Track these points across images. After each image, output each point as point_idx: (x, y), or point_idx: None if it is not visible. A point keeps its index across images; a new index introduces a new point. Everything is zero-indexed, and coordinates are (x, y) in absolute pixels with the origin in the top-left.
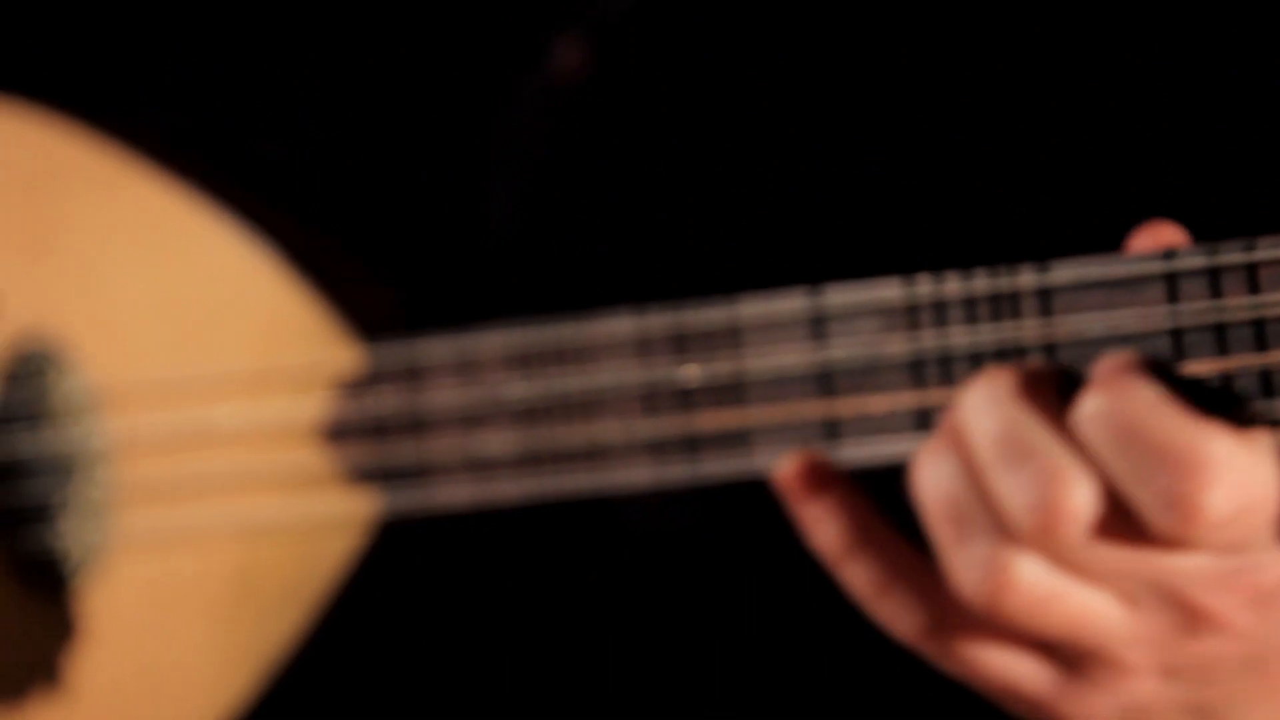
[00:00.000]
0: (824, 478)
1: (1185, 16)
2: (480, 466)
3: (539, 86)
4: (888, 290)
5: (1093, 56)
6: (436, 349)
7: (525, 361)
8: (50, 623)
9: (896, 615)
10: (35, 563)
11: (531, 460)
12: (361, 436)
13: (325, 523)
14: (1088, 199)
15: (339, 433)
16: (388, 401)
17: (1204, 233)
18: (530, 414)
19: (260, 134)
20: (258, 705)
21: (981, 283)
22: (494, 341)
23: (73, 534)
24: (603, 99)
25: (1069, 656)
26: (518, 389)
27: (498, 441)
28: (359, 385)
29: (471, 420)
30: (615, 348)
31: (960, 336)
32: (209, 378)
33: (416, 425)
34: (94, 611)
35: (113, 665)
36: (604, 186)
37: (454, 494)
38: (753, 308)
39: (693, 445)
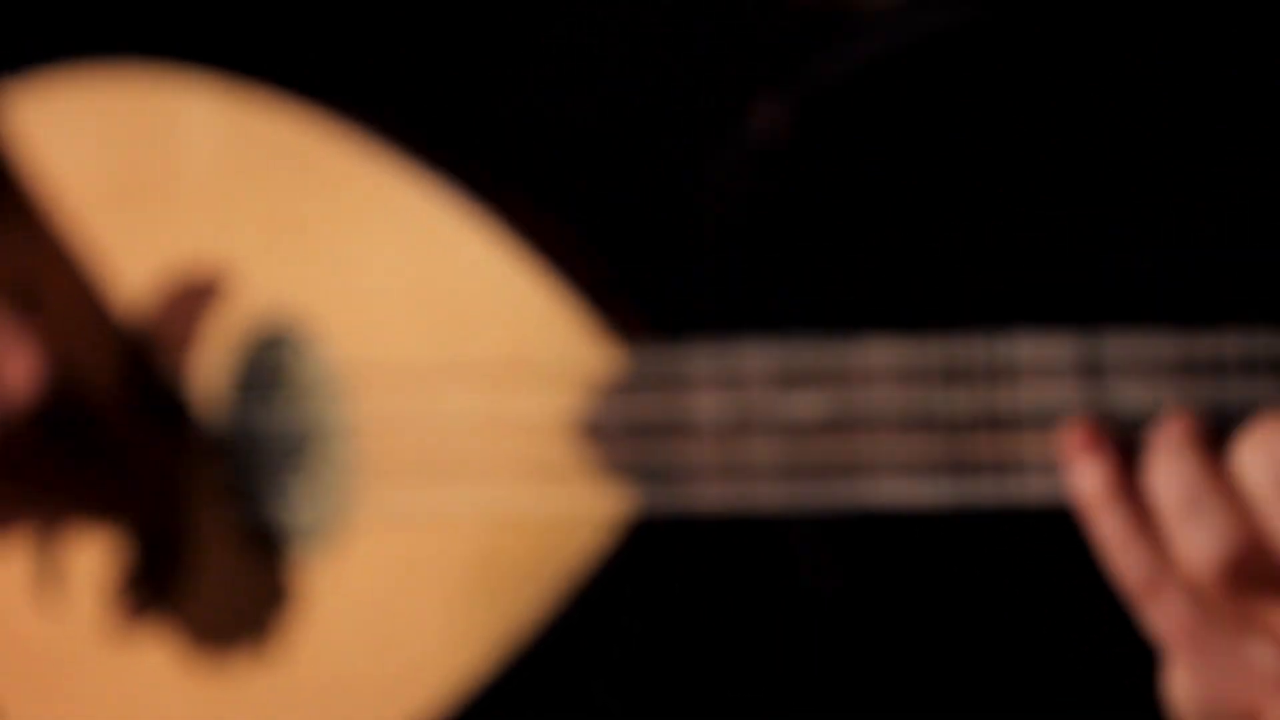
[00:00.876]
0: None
1: None
2: (740, 473)
3: (739, 150)
4: (1164, 344)
5: None
6: (699, 356)
7: (791, 377)
8: (277, 593)
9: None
10: (267, 533)
11: (794, 473)
12: (619, 435)
13: (574, 517)
14: None
15: (596, 430)
16: (649, 403)
17: None
18: (796, 429)
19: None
20: (487, 692)
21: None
22: (761, 354)
23: (307, 507)
24: (801, 165)
25: None
26: (788, 404)
27: (760, 451)
28: (621, 384)
29: (736, 429)
30: (881, 371)
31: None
32: (457, 366)
33: (676, 429)
34: (325, 585)
35: (342, 639)
36: (799, 254)
37: (710, 497)
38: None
39: (959, 469)
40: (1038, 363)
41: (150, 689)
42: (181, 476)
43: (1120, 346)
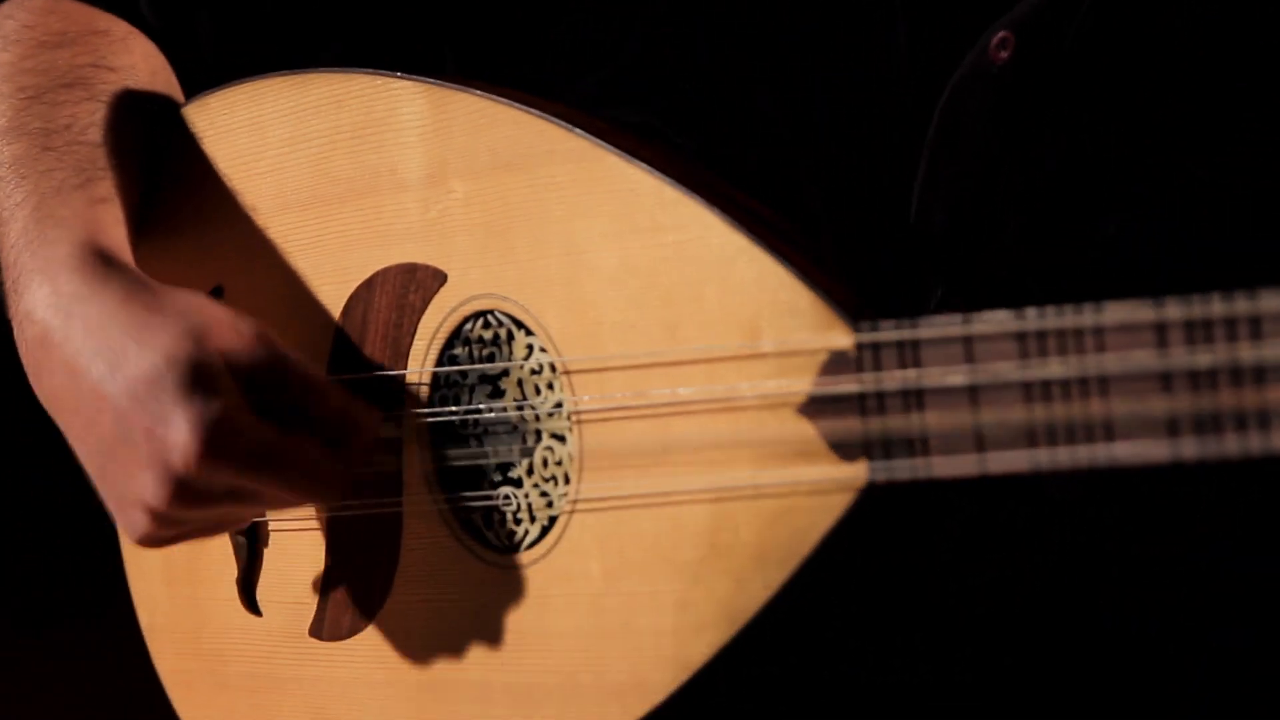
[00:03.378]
0: None
1: None
2: (980, 438)
3: (973, 72)
4: None
5: None
6: (938, 329)
7: (1028, 343)
8: (502, 584)
9: None
10: (484, 525)
11: (1036, 434)
12: (850, 411)
13: (808, 490)
14: None
15: (826, 407)
16: (883, 378)
17: None
18: (1039, 392)
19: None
20: (729, 664)
21: None
22: (997, 323)
23: (530, 497)
24: (1026, 87)
25: None
26: (1025, 370)
27: (998, 414)
28: (852, 362)
29: (973, 395)
30: (1131, 331)
31: None
32: (677, 355)
33: (912, 399)
34: (556, 572)
35: (577, 624)
36: (1026, 163)
37: (951, 464)
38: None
39: (1213, 423)
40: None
41: (348, 697)
42: (394, 467)
43: None
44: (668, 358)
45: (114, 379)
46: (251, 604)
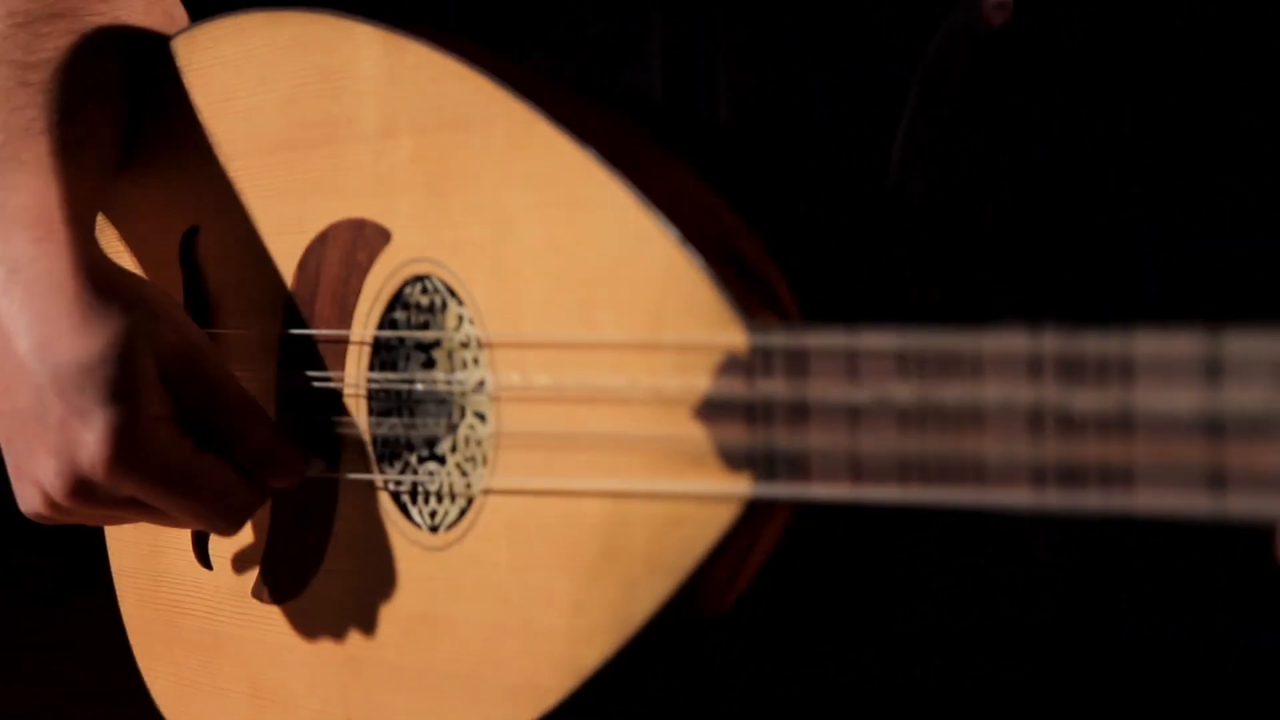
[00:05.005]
0: None
1: None
2: (856, 464)
3: (963, 31)
4: None
5: None
6: (824, 340)
7: (911, 364)
8: (419, 563)
9: None
10: (414, 497)
11: (909, 467)
12: (740, 419)
13: (696, 499)
14: None
15: (718, 412)
16: (770, 387)
17: None
18: (913, 419)
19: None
20: (615, 672)
21: None
22: (883, 341)
23: (452, 475)
24: (1022, 48)
25: None
26: (903, 391)
27: (876, 442)
28: (744, 367)
29: (853, 417)
30: (1004, 364)
31: None
32: (594, 339)
33: (797, 414)
34: (468, 558)
35: (483, 615)
36: (1016, 139)
37: (828, 489)
38: (1148, 343)
39: (1073, 476)
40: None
41: (281, 663)
42: (329, 433)
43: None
44: (580, 340)
45: (42, 357)
46: (203, 557)
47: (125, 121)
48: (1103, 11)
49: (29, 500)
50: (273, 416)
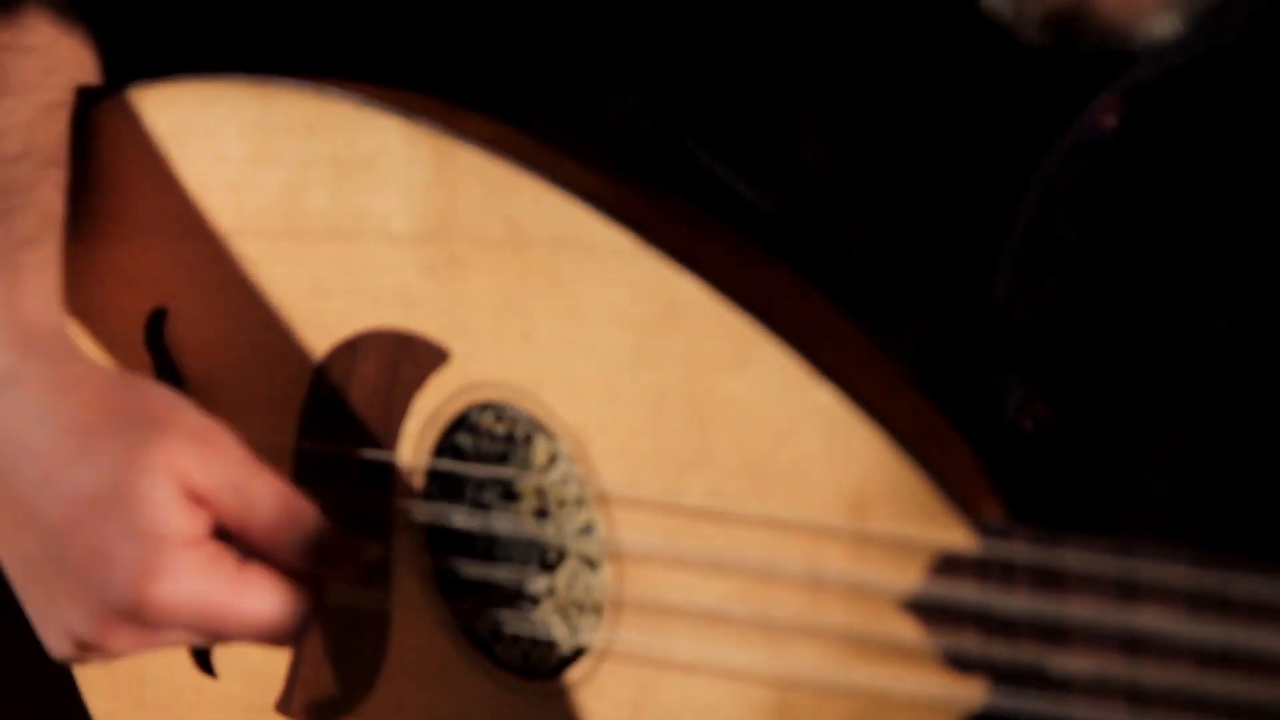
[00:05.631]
0: None
1: None
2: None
3: (1075, 146)
4: None
5: None
6: (1090, 563)
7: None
8: (517, 710)
9: None
10: (496, 637)
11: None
12: (969, 624)
13: (905, 702)
14: None
15: (936, 612)
16: (1016, 599)
17: None
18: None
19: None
20: None
21: None
22: (1167, 572)
23: (551, 621)
24: (1136, 161)
25: None
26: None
27: (1160, 676)
28: (973, 568)
29: (1126, 647)
30: None
31: None
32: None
33: (1056, 634)
34: (573, 708)
35: None
36: (1132, 251)
37: (1093, 712)
38: None
39: None
40: None
41: None
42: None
43: None
44: (740, 511)
45: (47, 493)
46: (205, 665)
47: (68, 190)
48: (1217, 104)
49: (59, 646)
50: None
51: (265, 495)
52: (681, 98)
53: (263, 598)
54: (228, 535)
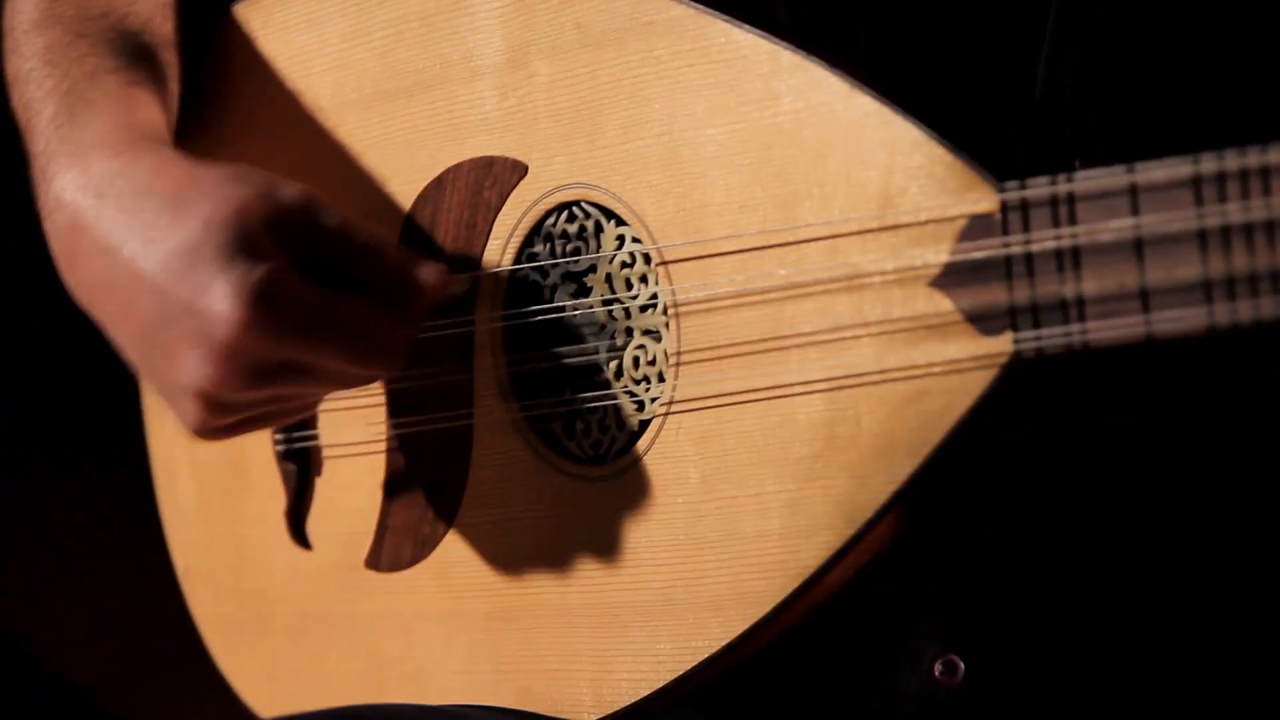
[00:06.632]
0: None
1: None
2: (1145, 301)
3: None
4: None
5: None
6: (1101, 181)
7: (1204, 189)
8: (585, 497)
9: None
10: (569, 432)
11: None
12: (995, 278)
13: (942, 370)
14: None
15: (963, 278)
16: (1035, 238)
17: None
18: (1217, 241)
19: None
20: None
21: None
22: (1167, 169)
23: (619, 400)
24: None
25: None
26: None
27: (1167, 272)
28: (996, 226)
29: (1140, 251)
30: None
31: None
32: (794, 233)
33: (1069, 260)
34: (647, 482)
35: (670, 536)
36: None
37: (1109, 331)
38: None
39: None
40: None
41: (407, 630)
42: (464, 376)
43: None
44: (782, 237)
45: (149, 254)
46: (301, 537)
47: (182, 77)
48: None
49: (188, 413)
50: None
51: (349, 226)
52: None
53: (358, 319)
54: (318, 271)
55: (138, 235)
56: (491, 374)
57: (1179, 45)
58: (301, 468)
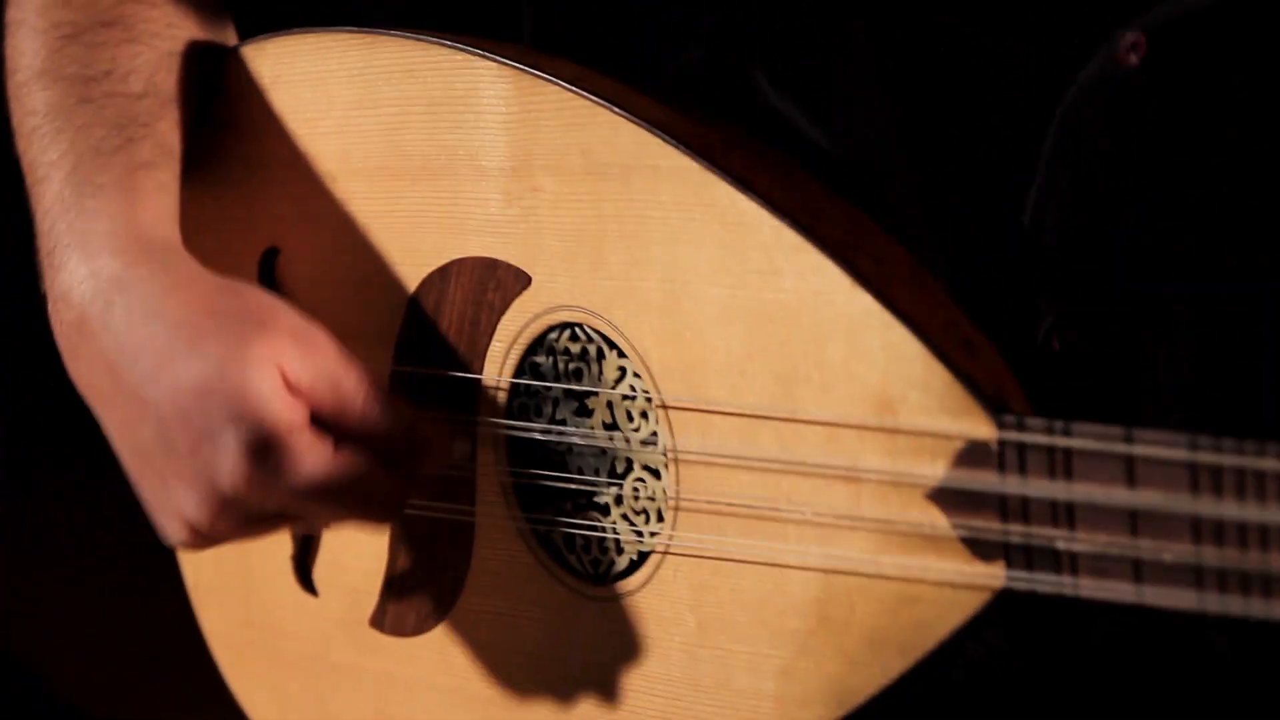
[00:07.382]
0: None
1: None
2: (1137, 572)
3: (1100, 78)
4: None
5: None
6: (1097, 444)
7: (1200, 475)
8: (585, 613)
9: None
10: (569, 546)
11: (1200, 576)
12: (990, 509)
13: (935, 582)
14: None
15: (960, 500)
16: (1027, 483)
17: None
18: (1210, 531)
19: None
20: None
21: None
22: (1167, 446)
23: (618, 527)
24: (1156, 95)
25: None
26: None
27: (1160, 548)
28: (993, 458)
29: (1134, 523)
30: None
31: None
32: (795, 414)
33: (1064, 513)
34: (646, 613)
35: (667, 671)
36: (1154, 179)
37: (1100, 591)
38: None
39: None
40: None
41: (413, 697)
42: (468, 474)
43: None
44: (783, 414)
45: (157, 384)
46: (307, 583)
47: (188, 132)
48: (1236, 45)
49: (174, 533)
50: None
51: (360, 387)
52: (749, 45)
53: (357, 481)
54: (325, 426)
55: (147, 361)
56: (494, 475)
57: (1168, 184)
58: None
